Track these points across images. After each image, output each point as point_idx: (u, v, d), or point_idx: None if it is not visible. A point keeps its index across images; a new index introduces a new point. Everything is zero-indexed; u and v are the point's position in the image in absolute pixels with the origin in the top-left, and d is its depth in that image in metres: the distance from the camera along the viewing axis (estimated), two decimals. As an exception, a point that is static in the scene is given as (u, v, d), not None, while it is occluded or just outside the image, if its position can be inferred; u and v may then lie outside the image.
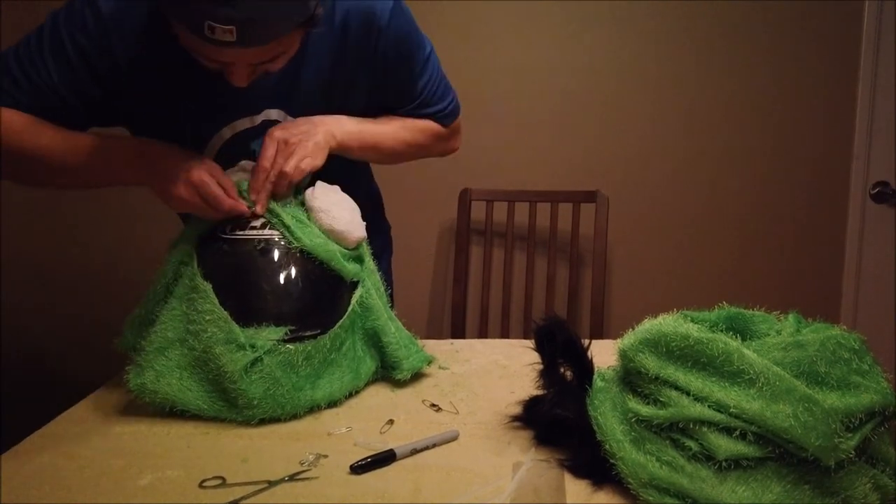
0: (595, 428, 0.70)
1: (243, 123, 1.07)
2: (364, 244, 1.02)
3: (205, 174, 0.92)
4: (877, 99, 2.10)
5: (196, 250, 0.92)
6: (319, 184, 1.00)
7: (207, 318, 0.84)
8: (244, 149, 1.08)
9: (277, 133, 0.99)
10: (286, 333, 0.86)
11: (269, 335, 0.85)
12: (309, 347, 0.87)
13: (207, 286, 0.86)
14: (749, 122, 2.12)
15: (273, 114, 1.07)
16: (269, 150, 0.97)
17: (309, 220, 0.96)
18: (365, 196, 1.36)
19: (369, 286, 0.98)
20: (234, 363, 0.81)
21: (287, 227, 0.92)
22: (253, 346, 0.83)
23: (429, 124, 1.21)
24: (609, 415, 0.70)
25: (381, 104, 1.17)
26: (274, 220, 0.94)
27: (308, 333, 0.88)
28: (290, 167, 0.95)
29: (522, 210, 2.01)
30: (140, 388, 0.83)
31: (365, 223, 1.01)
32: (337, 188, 1.01)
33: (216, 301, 0.85)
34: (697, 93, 2.10)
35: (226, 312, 0.85)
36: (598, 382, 0.75)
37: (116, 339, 0.92)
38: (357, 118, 1.11)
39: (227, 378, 0.81)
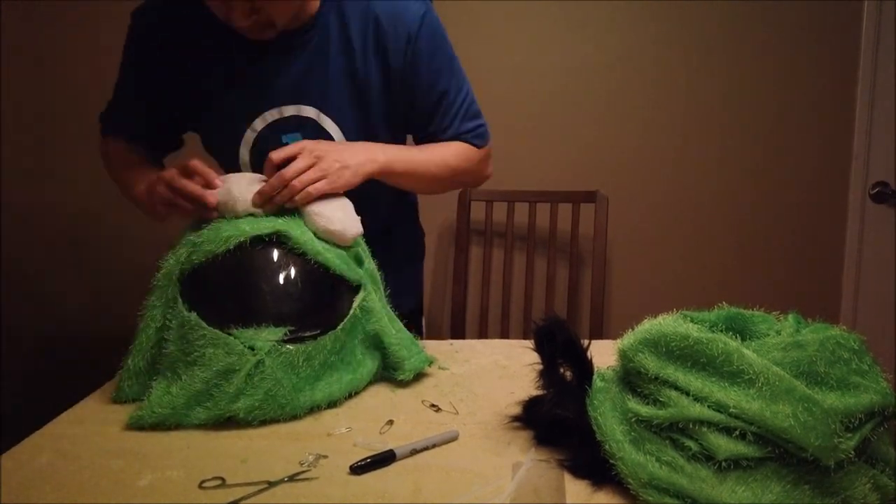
0: (595, 428, 0.70)
1: (273, 114, 1.11)
2: (362, 243, 1.02)
3: (173, 171, 0.97)
4: (876, 99, 2.10)
5: (179, 280, 0.91)
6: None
7: (200, 343, 0.84)
8: (276, 142, 1.12)
9: (312, 143, 0.99)
10: (285, 334, 0.86)
11: (268, 336, 0.85)
12: (310, 348, 0.87)
13: (193, 316, 0.86)
14: (748, 122, 2.12)
15: (305, 110, 1.12)
16: (290, 150, 0.97)
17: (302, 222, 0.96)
18: (407, 203, 1.37)
19: (370, 290, 0.98)
20: (241, 370, 0.82)
21: (289, 238, 0.92)
22: (252, 349, 0.83)
23: (464, 147, 1.21)
24: (609, 415, 0.70)
25: (421, 119, 1.19)
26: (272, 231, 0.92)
27: (308, 334, 0.88)
28: (299, 182, 0.94)
29: (522, 210, 2.01)
30: (138, 419, 0.83)
31: (396, 226, 1.02)
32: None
33: (204, 324, 0.85)
34: (697, 93, 2.10)
35: (217, 331, 0.84)
36: (597, 383, 0.75)
37: (113, 392, 0.91)
38: (401, 146, 1.14)
39: (233, 386, 0.81)
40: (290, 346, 0.85)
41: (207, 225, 0.93)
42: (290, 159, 0.96)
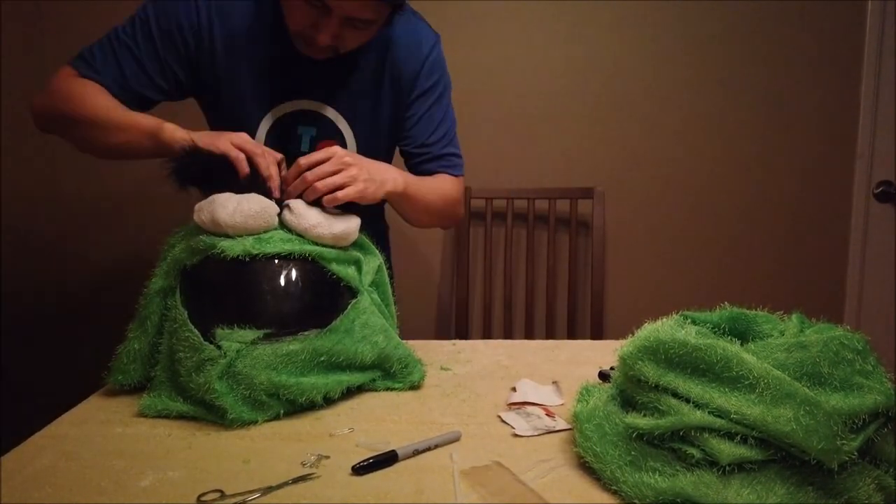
0: (590, 460, 0.69)
1: (295, 105, 1.19)
2: (366, 247, 1.02)
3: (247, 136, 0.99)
4: (880, 98, 2.10)
5: (180, 271, 0.92)
6: (294, 204, 0.95)
7: (185, 344, 0.85)
8: (293, 131, 1.20)
9: (343, 151, 1.01)
10: (260, 336, 0.85)
11: (241, 337, 0.84)
12: (291, 347, 0.86)
13: (183, 313, 0.86)
14: (751, 121, 2.12)
15: (326, 109, 1.20)
16: (319, 156, 0.98)
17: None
18: None
19: (368, 301, 0.97)
20: (208, 375, 0.82)
21: (321, 258, 0.93)
22: (220, 349, 0.83)
23: (454, 182, 1.30)
24: (601, 442, 0.69)
25: (411, 134, 1.28)
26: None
27: (298, 335, 0.88)
28: (322, 185, 0.96)
29: (522, 207, 2.02)
30: (147, 407, 0.87)
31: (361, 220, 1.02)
32: (301, 200, 0.98)
33: (191, 325, 0.85)
34: (698, 91, 2.10)
35: (196, 333, 0.85)
36: (581, 409, 0.75)
37: (105, 374, 0.93)
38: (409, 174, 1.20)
39: (205, 391, 0.82)
40: (265, 347, 0.85)
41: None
42: (318, 163, 0.98)
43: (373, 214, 1.41)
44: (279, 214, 0.94)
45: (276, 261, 0.90)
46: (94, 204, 2.04)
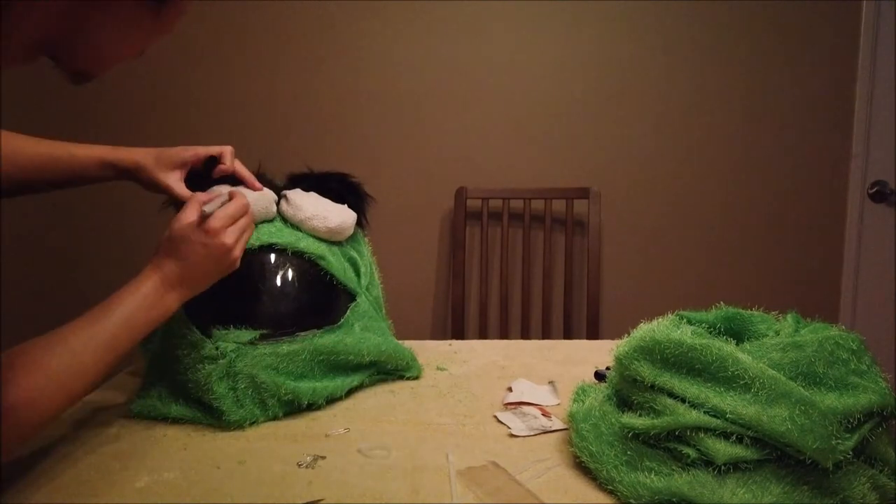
0: (586, 460, 0.69)
1: None
2: (358, 252, 1.02)
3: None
4: (875, 98, 2.10)
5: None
6: (291, 194, 0.95)
7: (183, 342, 0.85)
8: None
9: None
10: (258, 336, 0.85)
11: (237, 337, 0.84)
12: (293, 347, 0.86)
13: (180, 309, 0.85)
14: (746, 121, 2.12)
15: None
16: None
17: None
18: None
19: (365, 302, 0.97)
20: (208, 374, 0.82)
21: (320, 257, 0.92)
22: (218, 349, 0.83)
23: None
24: (598, 442, 0.69)
25: None
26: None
27: (296, 335, 0.88)
28: None
29: (518, 207, 2.02)
30: (139, 414, 0.86)
31: None
32: (299, 190, 0.97)
33: (188, 321, 0.85)
34: (694, 91, 2.10)
35: (196, 331, 0.84)
36: (576, 409, 0.75)
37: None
38: None
39: (204, 390, 0.82)
40: (265, 347, 0.85)
41: None
42: None
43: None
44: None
45: (273, 259, 0.90)
46: (93, 201, 2.03)
